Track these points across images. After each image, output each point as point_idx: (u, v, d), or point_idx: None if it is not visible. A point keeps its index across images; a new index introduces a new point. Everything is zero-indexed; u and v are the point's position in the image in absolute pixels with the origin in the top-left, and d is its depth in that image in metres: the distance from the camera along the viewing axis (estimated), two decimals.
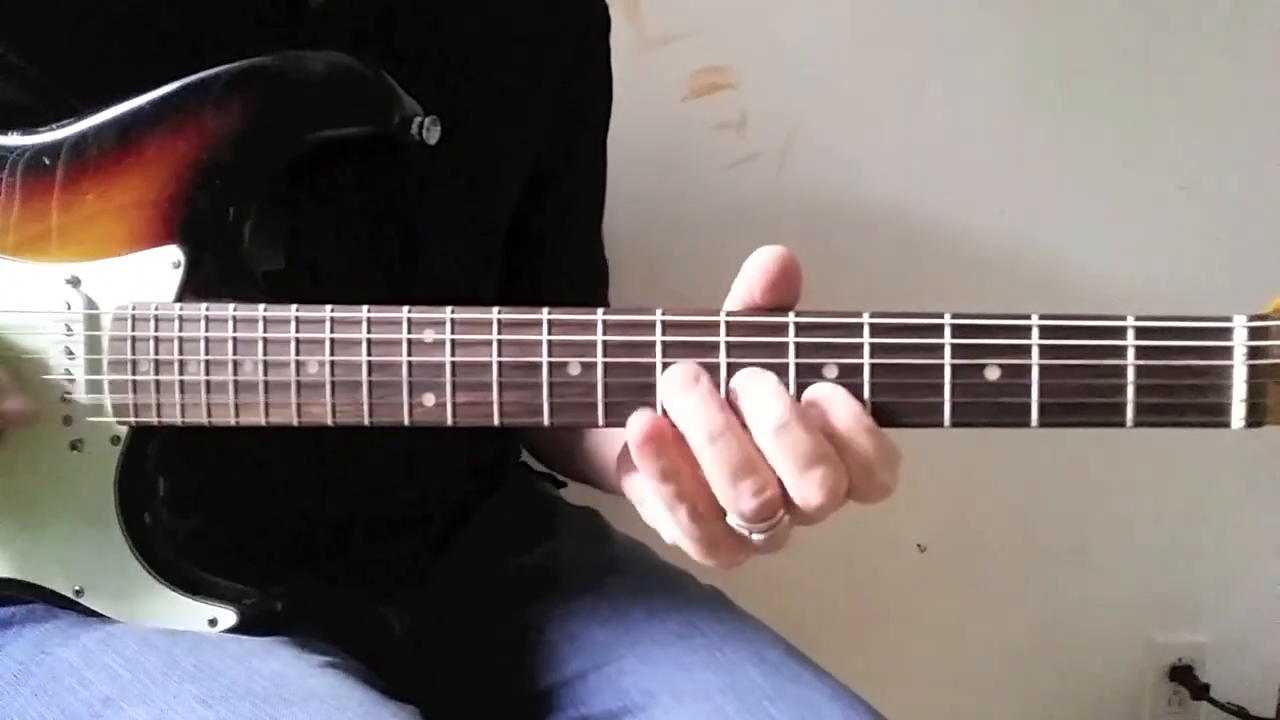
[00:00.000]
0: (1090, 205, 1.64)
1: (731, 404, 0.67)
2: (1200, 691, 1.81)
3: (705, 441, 0.66)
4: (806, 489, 0.65)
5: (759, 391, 0.67)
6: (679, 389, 0.67)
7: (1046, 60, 1.60)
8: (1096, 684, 1.84)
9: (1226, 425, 0.65)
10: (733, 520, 0.68)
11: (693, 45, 1.51)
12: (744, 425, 0.67)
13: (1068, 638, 1.81)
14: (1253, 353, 0.64)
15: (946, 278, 1.61)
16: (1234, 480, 1.77)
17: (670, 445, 0.67)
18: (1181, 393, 0.65)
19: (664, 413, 0.68)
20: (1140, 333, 0.65)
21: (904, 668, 1.75)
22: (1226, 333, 0.65)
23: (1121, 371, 0.65)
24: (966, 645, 1.78)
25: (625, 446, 0.73)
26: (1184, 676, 1.83)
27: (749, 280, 0.68)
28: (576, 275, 1.19)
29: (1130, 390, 0.65)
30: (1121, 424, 0.65)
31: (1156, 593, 1.82)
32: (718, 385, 0.68)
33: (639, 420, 0.66)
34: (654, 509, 0.72)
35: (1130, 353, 0.65)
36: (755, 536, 0.68)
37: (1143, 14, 1.60)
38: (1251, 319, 0.65)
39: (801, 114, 1.56)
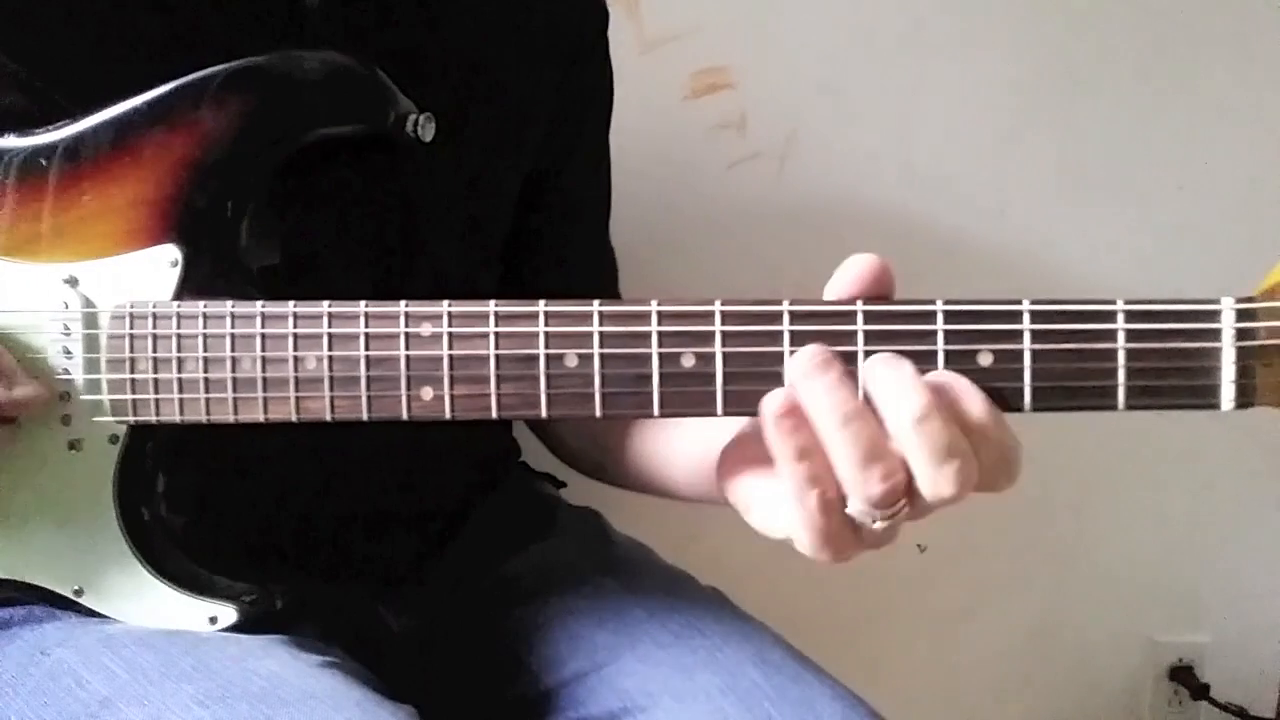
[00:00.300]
0: (1090, 205, 1.63)
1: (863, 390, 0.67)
2: (1200, 691, 1.81)
3: (839, 425, 0.65)
4: (940, 481, 0.65)
5: (897, 379, 0.66)
6: (811, 371, 0.66)
7: (1046, 60, 1.60)
8: (1096, 684, 1.83)
9: (1216, 406, 0.65)
10: (854, 508, 0.67)
11: (693, 45, 1.51)
12: (875, 411, 0.66)
13: (1068, 638, 1.80)
14: (1241, 334, 0.65)
15: (946, 278, 1.60)
16: (1234, 480, 1.77)
17: (805, 423, 0.66)
18: (1171, 375, 0.65)
19: None
20: (1130, 316, 0.66)
21: (904, 668, 1.75)
22: (1214, 315, 0.65)
23: (1112, 355, 0.66)
24: (966, 645, 1.78)
25: (730, 446, 0.75)
26: (1184, 676, 1.82)
27: (845, 282, 0.69)
28: (586, 270, 1.19)
29: (1121, 373, 0.66)
30: (1113, 407, 0.66)
31: (1156, 593, 1.81)
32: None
33: (775, 398, 0.65)
34: (769, 505, 0.71)
35: (1120, 336, 0.66)
36: (877, 525, 0.67)
37: (1143, 15, 1.60)
38: (1239, 301, 0.65)
39: (801, 114, 1.56)
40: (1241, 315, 0.65)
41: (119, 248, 0.82)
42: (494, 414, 0.72)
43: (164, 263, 0.81)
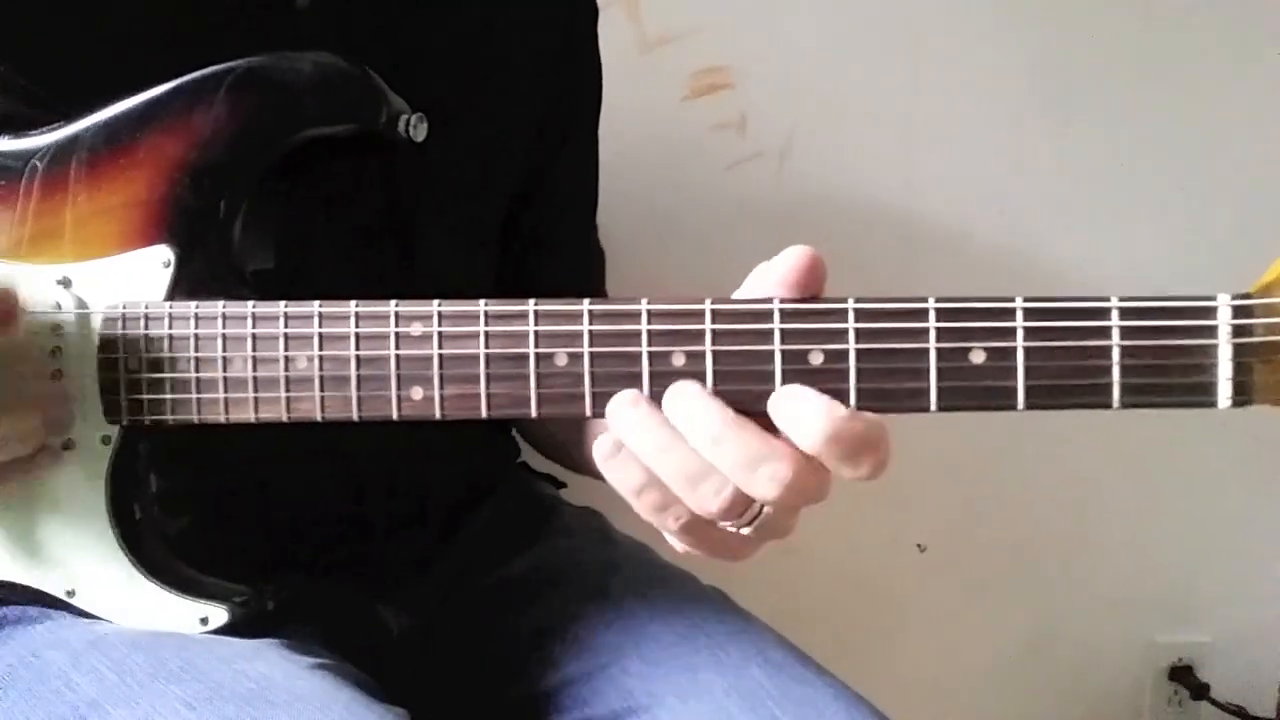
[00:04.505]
0: (1090, 205, 1.63)
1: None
2: (1200, 691, 1.81)
3: (655, 458, 0.67)
4: (761, 489, 0.65)
5: (687, 406, 0.67)
6: (621, 411, 0.68)
7: (1046, 60, 1.60)
8: (1096, 684, 1.83)
9: (1213, 405, 0.65)
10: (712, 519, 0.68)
11: (693, 45, 1.51)
12: None
13: (1068, 638, 1.80)
14: (1237, 331, 0.64)
15: (946, 278, 1.60)
16: (1234, 481, 1.77)
17: (633, 460, 0.68)
18: (1167, 373, 0.65)
19: None
20: (1125, 313, 0.65)
21: (904, 667, 1.75)
22: (1210, 312, 0.65)
23: (1107, 352, 0.65)
24: (967, 645, 1.78)
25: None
26: (1184, 676, 1.82)
27: (778, 276, 0.68)
28: (574, 265, 1.20)
29: (1116, 371, 0.65)
30: (1108, 405, 0.65)
31: (1156, 593, 1.81)
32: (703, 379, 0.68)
33: (603, 442, 0.68)
34: None
35: (1115, 333, 0.65)
36: (744, 531, 0.69)
37: (1143, 15, 1.60)
38: (1235, 298, 0.64)
39: (801, 114, 1.56)
40: (1238, 312, 0.64)
41: (112, 249, 0.82)
42: (484, 413, 0.72)
43: (156, 263, 0.81)
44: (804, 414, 0.65)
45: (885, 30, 1.55)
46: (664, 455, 0.67)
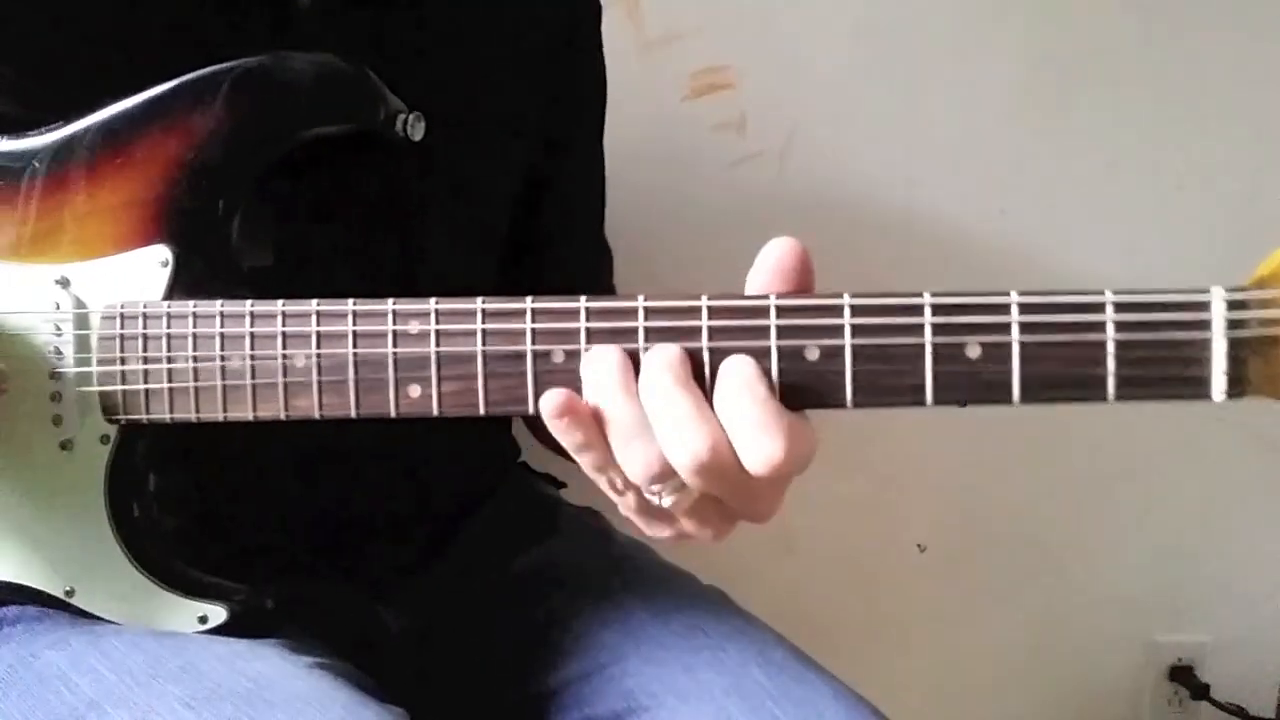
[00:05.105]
0: (1090, 205, 1.63)
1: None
2: (1200, 691, 1.81)
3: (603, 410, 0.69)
4: (676, 455, 0.67)
5: (651, 364, 0.68)
6: (587, 364, 0.70)
7: (1046, 60, 1.60)
8: (1096, 684, 1.83)
9: (1208, 397, 0.65)
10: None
11: (693, 45, 1.51)
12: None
13: (1068, 638, 1.80)
14: (1232, 324, 0.64)
15: (946, 278, 1.59)
16: (1234, 481, 1.77)
17: (583, 419, 0.69)
18: (1162, 365, 0.65)
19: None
20: (1119, 307, 0.65)
21: (904, 667, 1.75)
22: (1204, 305, 0.65)
23: (1101, 346, 0.65)
24: (967, 645, 1.78)
25: None
26: (1184, 676, 1.82)
27: (764, 269, 0.69)
28: (584, 266, 1.19)
29: (1110, 364, 0.65)
30: (1103, 399, 0.65)
31: (1156, 593, 1.81)
32: (702, 373, 0.68)
33: (551, 397, 0.68)
34: None
35: (1110, 327, 0.65)
36: (664, 500, 0.70)
37: (1143, 14, 1.60)
38: (1229, 291, 0.64)
39: (801, 114, 1.56)
40: (1232, 305, 0.64)
41: (110, 248, 0.82)
42: (482, 410, 0.72)
43: (155, 263, 0.81)
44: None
45: (885, 30, 1.55)
46: (608, 407, 0.68)
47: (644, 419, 0.67)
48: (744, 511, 0.71)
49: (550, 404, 0.68)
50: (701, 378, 0.68)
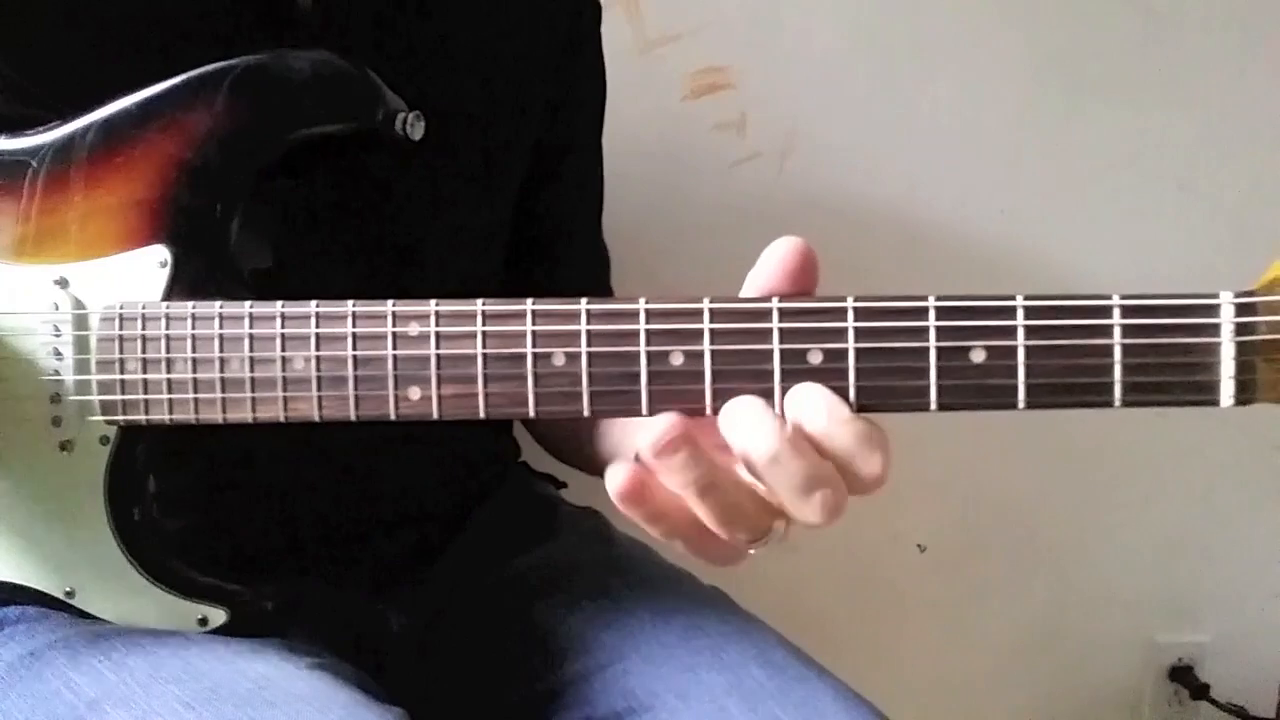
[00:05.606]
0: (1090, 205, 1.63)
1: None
2: (1200, 691, 1.81)
3: (696, 499, 0.66)
4: (807, 513, 0.65)
5: (748, 423, 0.66)
6: (660, 455, 0.66)
7: (1047, 60, 1.59)
8: (1096, 684, 1.83)
9: (1216, 403, 0.64)
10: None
11: (693, 45, 1.51)
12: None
13: (1068, 638, 1.80)
14: (1240, 329, 0.63)
15: (947, 278, 1.60)
16: (1235, 481, 1.77)
17: (653, 493, 0.66)
18: (1169, 371, 0.64)
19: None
20: (1126, 311, 0.65)
21: (904, 667, 1.75)
22: (1213, 309, 0.64)
23: (1108, 351, 0.65)
24: (967, 645, 1.78)
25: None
26: (1184, 676, 1.82)
27: (768, 270, 0.68)
28: (582, 269, 1.19)
29: (1117, 369, 0.65)
30: (1109, 404, 0.65)
31: (1156, 593, 1.81)
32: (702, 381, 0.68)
33: (616, 477, 0.65)
34: None
35: (1117, 332, 0.65)
36: (751, 551, 0.69)
37: (1143, 14, 1.60)
38: (1238, 295, 0.64)
39: (801, 114, 1.56)
40: (1241, 310, 0.63)
41: (109, 249, 0.82)
42: (481, 413, 0.71)
43: (153, 263, 0.81)
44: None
45: (885, 30, 1.55)
46: (706, 496, 0.66)
47: (744, 493, 0.67)
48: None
49: (616, 485, 0.65)
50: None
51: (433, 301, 0.72)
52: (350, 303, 0.74)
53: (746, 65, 1.53)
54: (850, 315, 0.67)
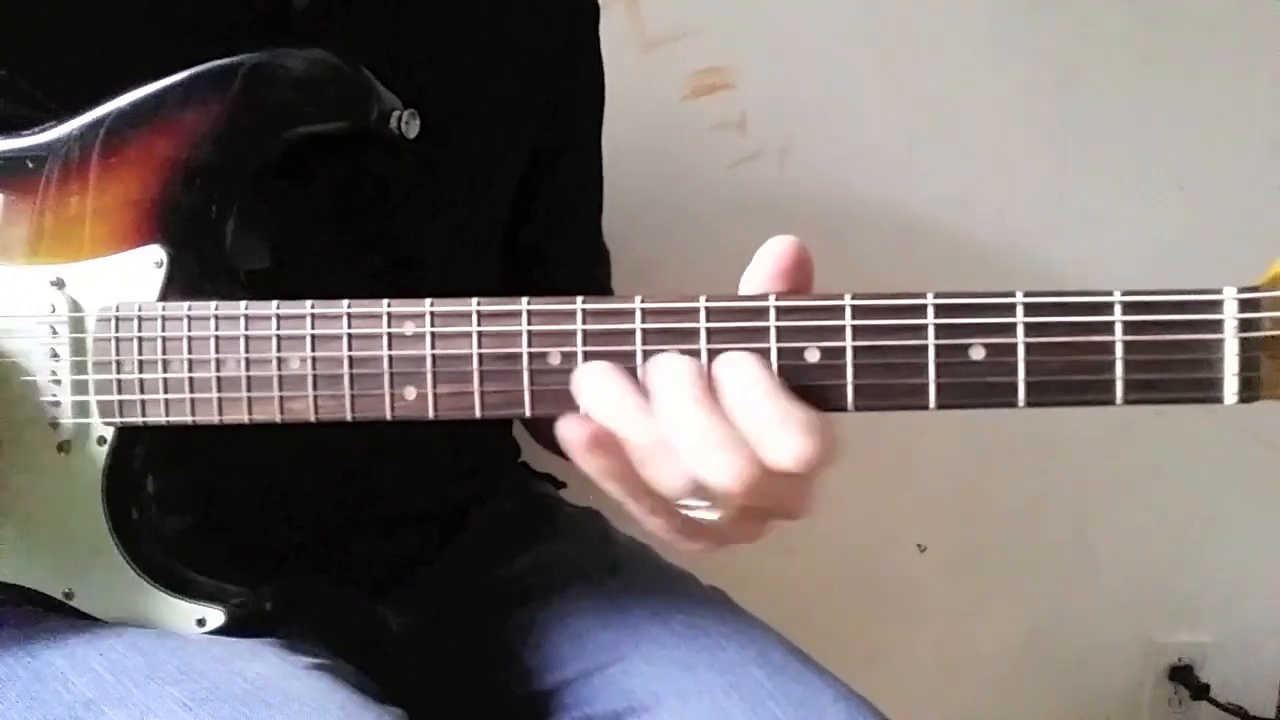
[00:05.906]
0: (1090, 205, 1.63)
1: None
2: (1200, 691, 1.82)
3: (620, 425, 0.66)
4: (710, 470, 0.63)
5: (665, 374, 0.66)
6: (589, 389, 0.67)
7: (1046, 60, 1.60)
8: (1096, 684, 1.84)
9: (1219, 400, 0.64)
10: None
11: (693, 45, 1.51)
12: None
13: (1068, 637, 1.81)
14: (1244, 325, 0.63)
15: (946, 278, 1.59)
16: (1235, 481, 1.77)
17: (609, 446, 0.66)
18: (1172, 368, 0.64)
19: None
20: (1128, 308, 0.64)
21: (904, 668, 1.75)
22: (1217, 305, 0.64)
23: (1109, 348, 0.64)
24: (967, 645, 1.78)
25: None
26: (1184, 676, 1.83)
27: (763, 269, 0.68)
28: (582, 268, 1.19)
29: (1119, 367, 0.64)
30: (1111, 401, 0.64)
31: (1156, 593, 1.82)
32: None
33: (575, 430, 0.65)
34: None
35: (1118, 329, 0.64)
36: (696, 513, 0.68)
37: (1143, 14, 1.60)
38: (1242, 290, 0.64)
39: (801, 114, 1.56)
40: (1244, 305, 0.63)
41: (105, 249, 0.82)
42: (477, 413, 0.71)
43: (149, 264, 0.81)
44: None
45: (885, 30, 1.55)
46: (622, 432, 0.65)
47: (662, 439, 0.65)
48: (779, 511, 0.68)
49: (576, 440, 0.65)
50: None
51: (428, 301, 0.72)
52: (345, 302, 0.74)
53: (746, 65, 1.53)
54: (848, 313, 0.66)
